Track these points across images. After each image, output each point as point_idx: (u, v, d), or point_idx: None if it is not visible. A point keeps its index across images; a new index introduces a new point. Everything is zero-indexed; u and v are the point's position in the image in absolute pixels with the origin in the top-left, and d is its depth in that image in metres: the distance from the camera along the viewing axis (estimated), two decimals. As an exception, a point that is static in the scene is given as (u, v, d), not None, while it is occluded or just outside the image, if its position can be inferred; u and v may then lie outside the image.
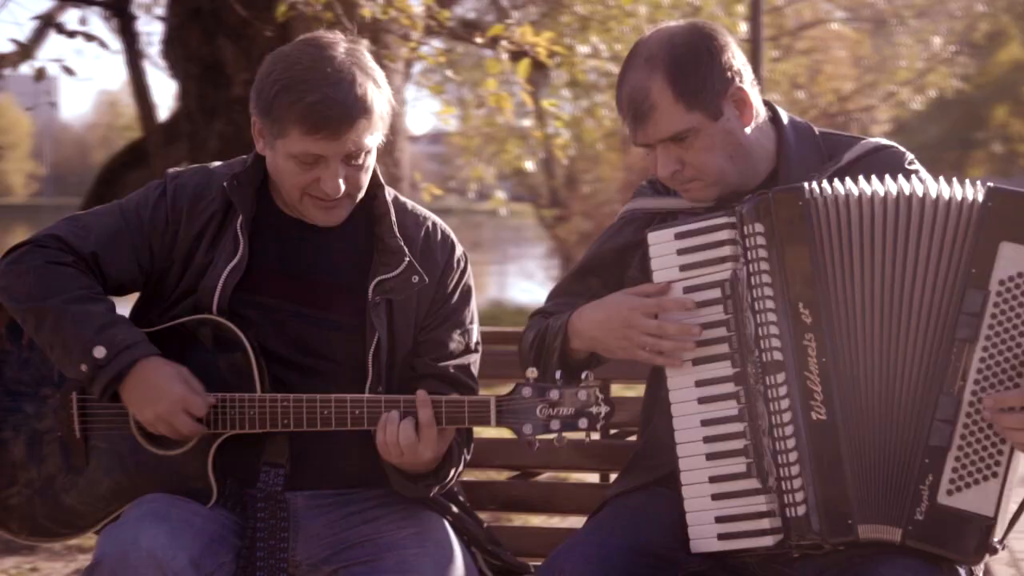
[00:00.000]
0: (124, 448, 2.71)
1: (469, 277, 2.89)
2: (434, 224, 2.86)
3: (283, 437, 2.70)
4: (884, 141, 2.71)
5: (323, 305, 2.75)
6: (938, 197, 2.40)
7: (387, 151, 6.83)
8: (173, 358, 2.67)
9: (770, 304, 2.42)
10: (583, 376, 2.54)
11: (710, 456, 2.48)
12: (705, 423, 2.48)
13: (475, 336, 2.86)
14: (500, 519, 4.55)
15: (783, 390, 2.40)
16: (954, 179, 2.45)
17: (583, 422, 2.51)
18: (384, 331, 2.73)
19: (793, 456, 2.39)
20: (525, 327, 2.83)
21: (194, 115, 6.92)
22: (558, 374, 2.55)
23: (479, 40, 6.49)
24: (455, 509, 2.85)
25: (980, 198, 2.38)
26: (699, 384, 2.49)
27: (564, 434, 2.53)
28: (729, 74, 2.59)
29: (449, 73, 10.70)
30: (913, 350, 2.38)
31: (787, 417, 2.39)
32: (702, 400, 2.49)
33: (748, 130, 2.62)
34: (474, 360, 2.85)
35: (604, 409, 2.51)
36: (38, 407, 2.76)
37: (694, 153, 2.59)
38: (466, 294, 2.86)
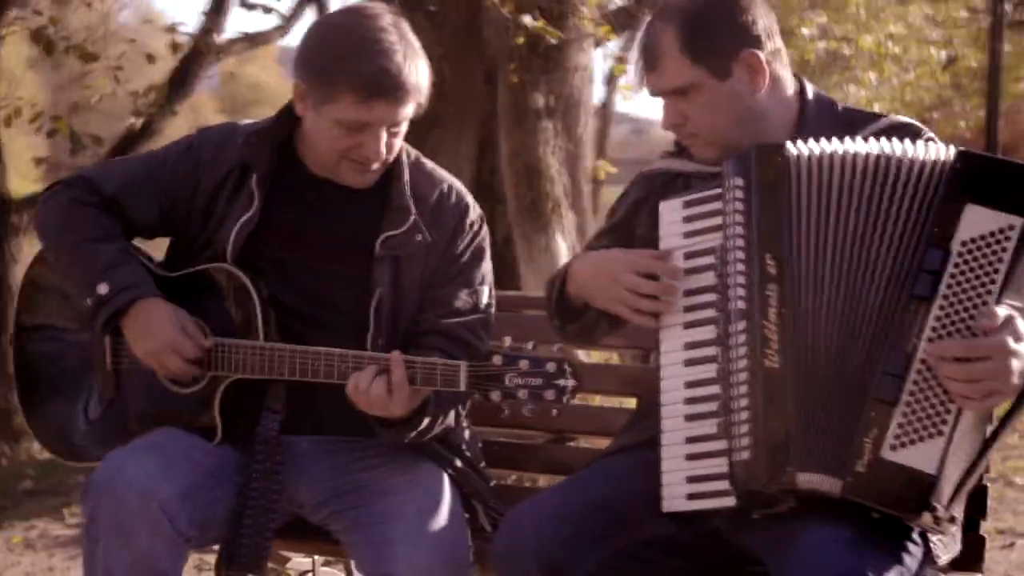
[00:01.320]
0: (148, 382, 2.86)
1: (483, 240, 2.93)
2: (450, 186, 2.92)
3: (281, 384, 2.80)
4: (906, 119, 2.68)
5: (332, 259, 2.84)
6: (913, 158, 2.37)
7: (567, 128, 6.90)
8: (191, 303, 2.81)
9: (740, 255, 2.41)
10: (555, 348, 2.59)
11: (688, 417, 2.48)
12: (688, 385, 2.49)
13: (485, 297, 2.90)
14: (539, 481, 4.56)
15: (742, 338, 2.39)
16: (929, 142, 2.42)
17: (550, 393, 2.54)
18: (388, 286, 2.80)
19: (744, 402, 2.37)
20: None
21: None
22: (531, 344, 2.58)
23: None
24: (459, 463, 2.90)
25: (951, 160, 2.35)
26: (687, 347, 2.50)
27: (532, 404, 2.56)
28: (745, 36, 2.59)
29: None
30: (872, 305, 2.35)
31: (743, 364, 2.38)
32: (688, 362, 2.49)
33: (760, 96, 2.61)
34: (482, 320, 2.88)
35: (571, 383, 2.54)
36: (83, 337, 2.95)
37: (696, 109, 2.61)
38: (478, 255, 2.91)
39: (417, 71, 2.70)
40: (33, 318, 3.04)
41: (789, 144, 2.42)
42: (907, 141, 2.43)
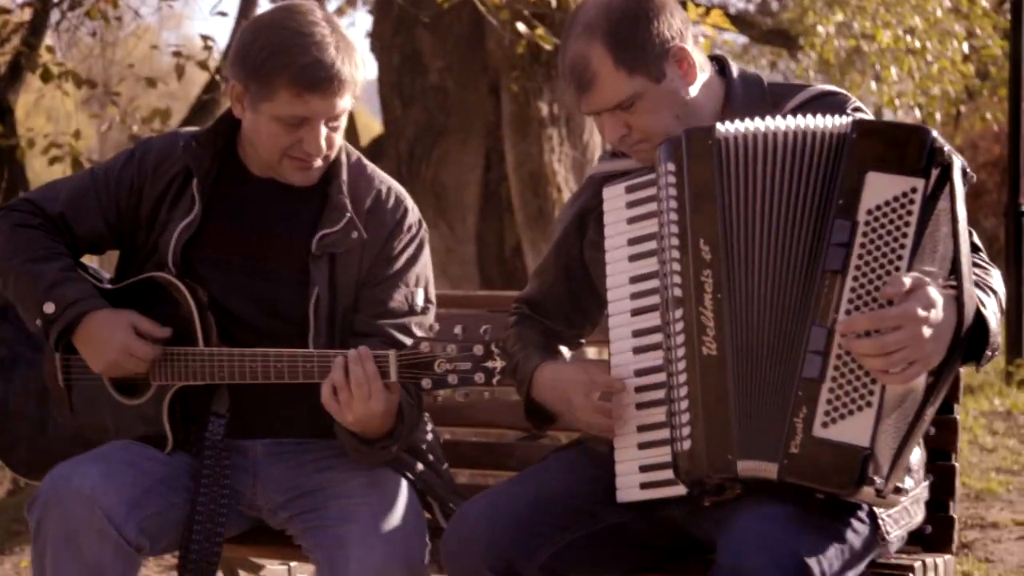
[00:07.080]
0: (99, 397, 2.87)
1: (421, 243, 2.92)
2: (388, 189, 2.91)
3: (225, 389, 2.81)
4: (831, 88, 2.64)
5: (271, 259, 2.84)
6: (822, 130, 2.36)
7: (572, 135, 6.88)
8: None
9: (675, 242, 2.40)
10: (482, 330, 2.57)
11: (639, 405, 2.48)
12: (637, 373, 2.48)
13: (421, 299, 2.88)
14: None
15: (679, 326, 2.37)
16: (832, 115, 2.40)
17: (479, 376, 2.54)
18: (325, 285, 2.80)
19: (684, 391, 2.36)
20: (511, 313, 2.88)
21: (392, 104, 7.15)
22: (457, 328, 2.56)
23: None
24: (420, 467, 2.90)
25: (848, 130, 2.33)
26: (635, 334, 2.50)
27: (463, 388, 2.56)
28: (669, 33, 2.56)
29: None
30: (799, 282, 2.33)
31: (681, 352, 2.37)
32: (636, 350, 2.49)
33: (692, 88, 2.58)
34: (419, 321, 2.87)
35: (499, 364, 2.54)
36: (39, 358, 2.96)
37: (639, 116, 2.57)
38: (413, 257, 2.89)
39: (351, 63, 2.71)
40: None
41: (718, 125, 2.41)
42: (819, 115, 2.40)
